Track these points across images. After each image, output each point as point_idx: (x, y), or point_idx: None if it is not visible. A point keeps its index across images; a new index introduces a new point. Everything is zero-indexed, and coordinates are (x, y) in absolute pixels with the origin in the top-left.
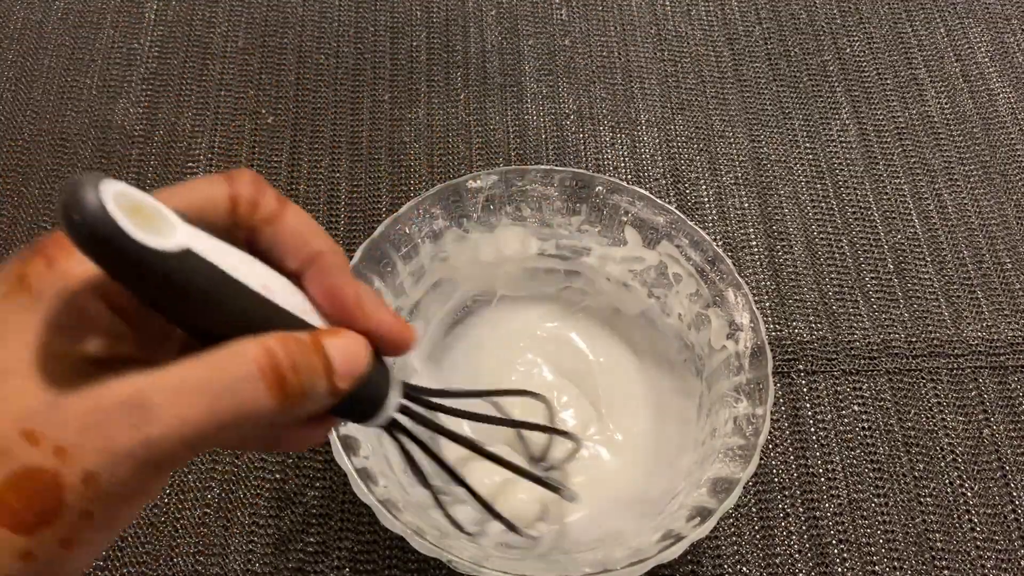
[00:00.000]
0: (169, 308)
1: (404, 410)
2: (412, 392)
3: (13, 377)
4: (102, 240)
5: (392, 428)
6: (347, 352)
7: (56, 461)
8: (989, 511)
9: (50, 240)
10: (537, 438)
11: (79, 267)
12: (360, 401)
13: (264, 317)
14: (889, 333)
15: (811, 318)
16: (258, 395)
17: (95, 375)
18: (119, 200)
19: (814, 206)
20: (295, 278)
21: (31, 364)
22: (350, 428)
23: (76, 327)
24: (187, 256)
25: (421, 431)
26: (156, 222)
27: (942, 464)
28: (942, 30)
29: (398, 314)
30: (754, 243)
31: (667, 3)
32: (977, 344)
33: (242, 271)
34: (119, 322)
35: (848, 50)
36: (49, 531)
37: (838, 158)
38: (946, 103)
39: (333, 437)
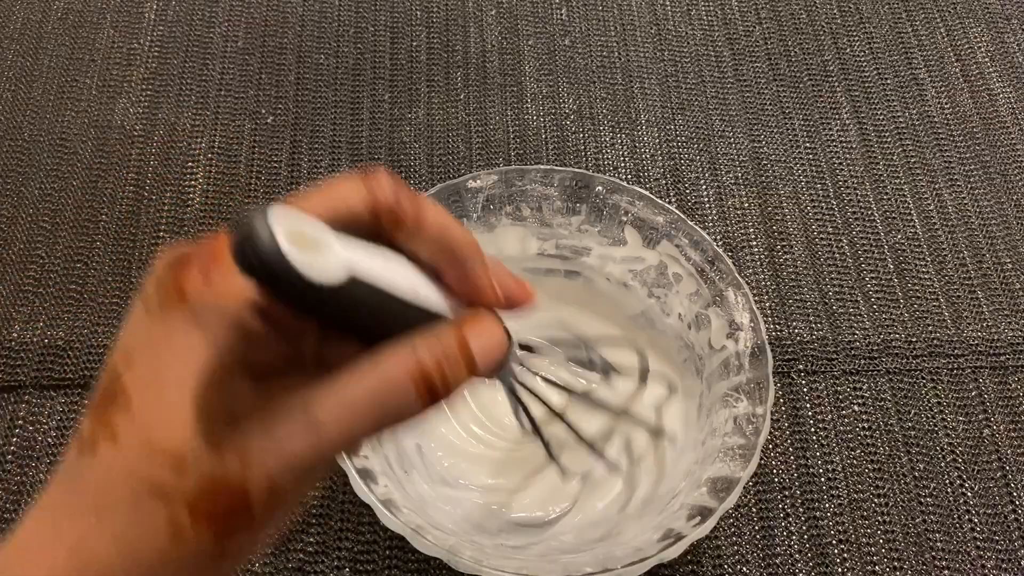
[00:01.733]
0: (334, 324)
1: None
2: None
3: (191, 394)
4: (278, 277)
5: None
6: (488, 345)
7: (240, 468)
8: (989, 511)
9: (203, 253)
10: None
11: (236, 285)
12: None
13: (415, 318)
14: (889, 333)
15: (811, 318)
16: (411, 403)
17: (260, 385)
18: (287, 230)
19: (814, 206)
20: (429, 267)
21: (206, 382)
22: None
23: (238, 343)
24: (352, 284)
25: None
26: (318, 246)
27: (942, 464)
28: (942, 30)
29: (519, 278)
30: (754, 243)
31: (667, 3)
32: (977, 344)
33: (397, 282)
34: (274, 334)
35: (848, 50)
36: (242, 532)
37: (838, 158)
38: (946, 103)
39: None
